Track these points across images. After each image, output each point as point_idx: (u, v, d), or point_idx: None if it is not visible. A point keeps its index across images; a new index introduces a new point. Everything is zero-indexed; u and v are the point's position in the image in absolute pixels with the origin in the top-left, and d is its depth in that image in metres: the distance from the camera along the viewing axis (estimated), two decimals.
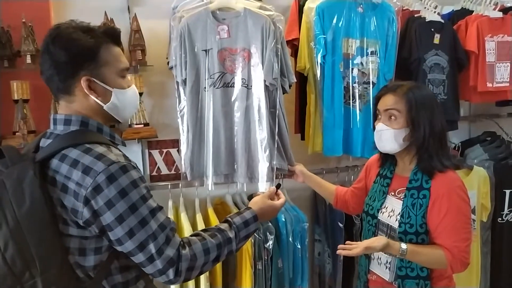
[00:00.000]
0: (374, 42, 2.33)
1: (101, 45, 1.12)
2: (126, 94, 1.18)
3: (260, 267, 2.17)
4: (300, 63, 2.31)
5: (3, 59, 2.05)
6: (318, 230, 2.67)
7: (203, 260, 1.12)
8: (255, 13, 2.08)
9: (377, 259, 1.62)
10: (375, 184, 1.70)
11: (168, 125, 2.36)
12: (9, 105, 2.06)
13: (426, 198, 1.49)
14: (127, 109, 1.22)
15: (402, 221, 1.51)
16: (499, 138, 2.85)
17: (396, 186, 1.60)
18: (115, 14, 2.18)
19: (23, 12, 2.05)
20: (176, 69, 2.07)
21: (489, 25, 2.63)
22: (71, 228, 1.05)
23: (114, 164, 1.03)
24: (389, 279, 1.57)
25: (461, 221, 1.47)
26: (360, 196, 1.81)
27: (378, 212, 1.61)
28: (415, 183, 1.52)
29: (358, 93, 2.32)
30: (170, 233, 1.09)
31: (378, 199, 1.63)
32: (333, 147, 2.33)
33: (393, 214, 1.56)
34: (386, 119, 1.55)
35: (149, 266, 1.07)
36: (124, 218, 1.03)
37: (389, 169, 1.66)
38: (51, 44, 1.09)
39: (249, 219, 1.26)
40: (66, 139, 1.10)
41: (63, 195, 1.04)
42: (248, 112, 2.10)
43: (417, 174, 1.53)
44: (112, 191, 1.02)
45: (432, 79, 2.53)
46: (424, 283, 1.50)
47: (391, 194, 1.61)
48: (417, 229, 1.48)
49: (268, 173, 2.11)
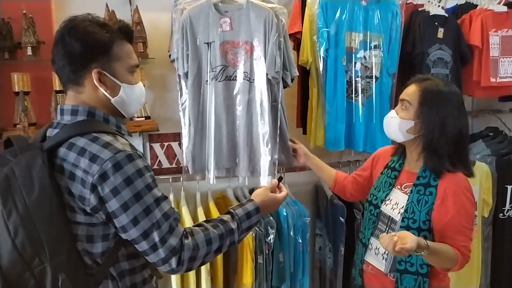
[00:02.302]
0: (377, 36, 2.31)
1: (115, 41, 1.14)
2: (133, 90, 1.20)
3: (261, 261, 2.17)
4: (303, 56, 2.29)
5: (3, 51, 2.04)
6: (319, 225, 2.67)
7: (205, 250, 1.13)
8: (258, 6, 2.06)
9: (375, 249, 1.61)
10: (381, 175, 1.69)
11: (169, 118, 2.35)
12: (9, 97, 2.05)
13: (432, 196, 1.48)
14: (133, 105, 1.24)
15: (405, 216, 1.50)
16: (502, 134, 2.84)
17: (404, 180, 1.60)
18: (116, 6, 2.16)
19: (24, 4, 2.03)
20: (178, 62, 2.06)
21: (493, 19, 2.61)
22: (78, 215, 1.07)
23: (121, 152, 1.05)
24: (384, 270, 1.57)
25: (467, 222, 1.47)
26: (362, 184, 1.81)
27: (381, 203, 1.61)
28: (423, 180, 1.52)
29: (361, 87, 2.31)
30: (174, 222, 1.10)
31: (383, 190, 1.63)
32: (335, 141, 2.33)
33: (397, 207, 1.56)
34: (399, 107, 1.56)
35: (152, 255, 1.07)
36: (128, 206, 1.04)
37: (398, 162, 1.65)
38: (67, 35, 1.11)
39: (251, 211, 1.27)
40: (74, 128, 1.11)
41: (70, 183, 1.06)
42: (250, 106, 2.09)
43: (425, 172, 1.52)
44: (118, 178, 1.03)
45: (436, 74, 2.51)
46: (423, 279, 1.49)
47: (397, 188, 1.60)
48: (419, 225, 1.48)
49: (270, 167, 2.10)
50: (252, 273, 2.14)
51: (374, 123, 2.35)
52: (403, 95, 1.56)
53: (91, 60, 1.12)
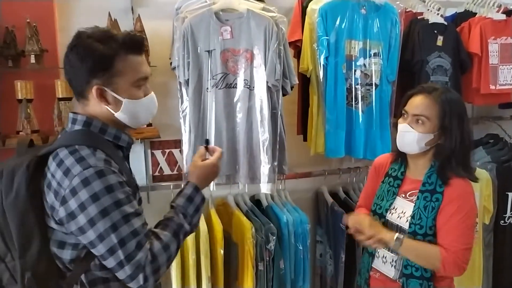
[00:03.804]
0: (377, 43, 2.33)
1: (117, 56, 1.14)
2: (138, 104, 1.20)
3: (262, 268, 2.17)
4: (303, 64, 2.31)
5: (7, 59, 2.06)
6: (319, 231, 2.67)
7: (165, 257, 1.13)
8: (258, 15, 2.08)
9: (382, 257, 1.63)
10: (383, 184, 1.69)
11: (170, 125, 2.36)
12: (13, 105, 2.07)
13: (438, 202, 1.50)
14: (141, 118, 1.25)
15: (412, 222, 1.52)
16: (502, 141, 2.84)
17: (407, 189, 1.60)
18: (118, 14, 2.18)
19: (28, 12, 2.06)
20: (179, 69, 2.08)
21: (492, 27, 2.62)
22: (51, 222, 1.11)
23: (90, 168, 1.07)
24: (393, 277, 1.58)
25: (465, 224, 1.48)
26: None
27: (386, 212, 1.61)
28: (428, 186, 1.53)
29: (361, 94, 2.32)
30: (143, 239, 1.10)
31: (386, 199, 1.63)
32: (335, 148, 2.33)
33: (404, 216, 1.56)
34: (413, 121, 1.53)
35: (120, 272, 1.08)
36: (95, 222, 1.05)
37: (399, 170, 1.65)
38: (70, 52, 1.15)
39: (190, 193, 1.26)
40: (65, 137, 1.17)
41: (47, 191, 1.10)
42: (250, 113, 2.11)
43: (431, 178, 1.54)
44: (84, 194, 1.05)
45: (435, 81, 2.52)
46: (428, 284, 1.51)
47: (402, 196, 1.61)
48: (426, 231, 1.50)
49: (270, 174, 2.11)
50: (253, 280, 2.14)
51: (374, 130, 2.36)
52: (414, 109, 1.52)
53: (92, 76, 1.13)
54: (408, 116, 1.54)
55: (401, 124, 1.56)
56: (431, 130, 1.50)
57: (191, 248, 2.10)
